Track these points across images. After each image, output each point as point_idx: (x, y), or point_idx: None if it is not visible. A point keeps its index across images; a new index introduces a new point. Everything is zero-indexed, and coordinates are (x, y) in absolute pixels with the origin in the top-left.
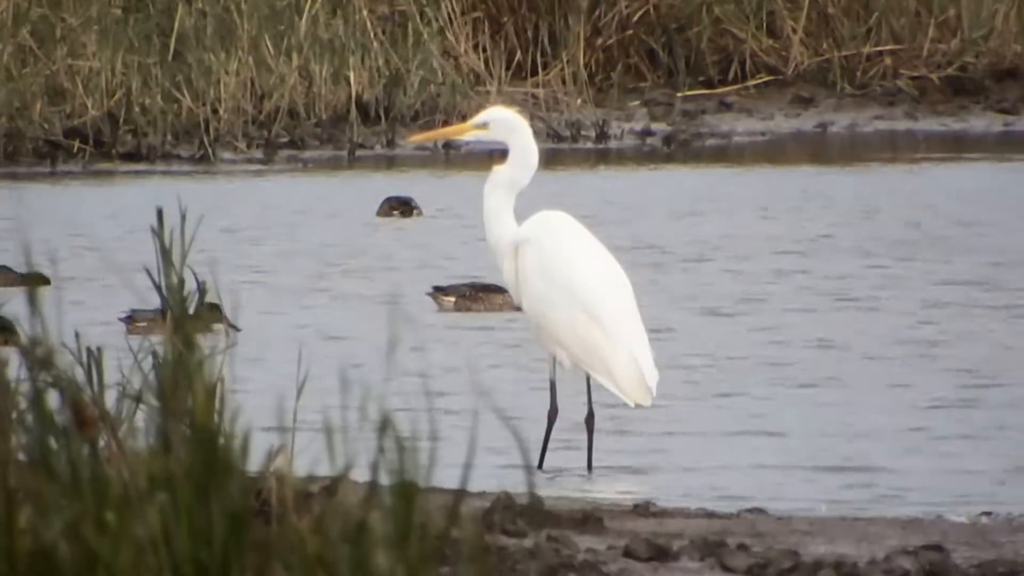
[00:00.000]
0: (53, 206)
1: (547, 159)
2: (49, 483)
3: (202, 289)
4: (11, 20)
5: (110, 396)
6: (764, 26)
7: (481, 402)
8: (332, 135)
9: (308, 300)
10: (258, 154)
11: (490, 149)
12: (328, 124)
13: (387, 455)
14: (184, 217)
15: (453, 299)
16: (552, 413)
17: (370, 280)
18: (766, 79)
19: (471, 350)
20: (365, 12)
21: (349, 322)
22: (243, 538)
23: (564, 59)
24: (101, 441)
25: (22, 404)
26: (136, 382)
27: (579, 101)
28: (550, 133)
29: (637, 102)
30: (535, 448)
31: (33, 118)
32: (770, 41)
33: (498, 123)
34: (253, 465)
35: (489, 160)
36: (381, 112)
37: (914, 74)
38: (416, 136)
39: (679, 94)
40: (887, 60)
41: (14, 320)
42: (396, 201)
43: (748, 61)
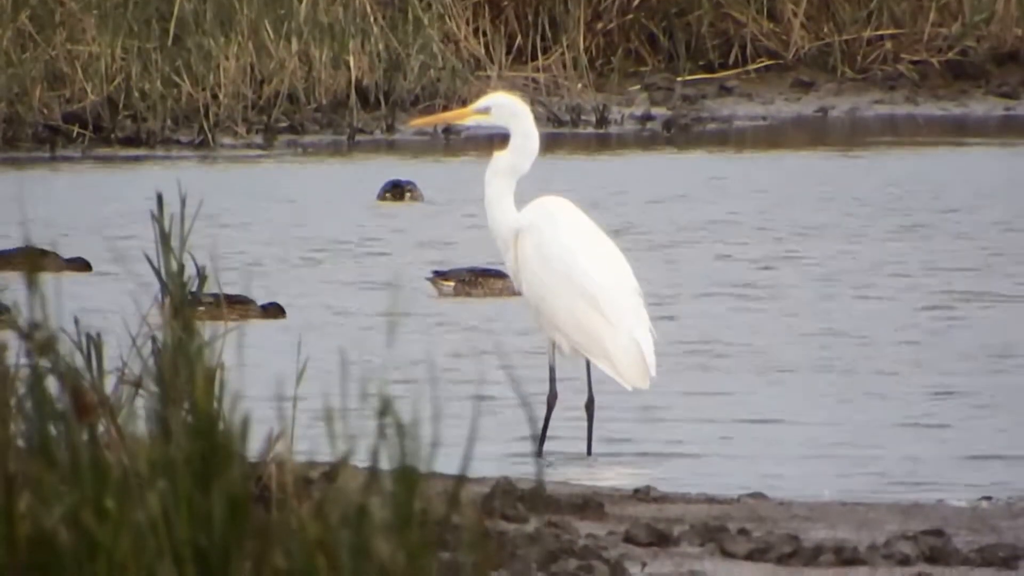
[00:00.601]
0: (52, 191)
1: (547, 144)
2: (49, 469)
3: (202, 275)
4: (10, 5)
5: (110, 382)
6: (765, 10)
7: (482, 386)
8: (332, 120)
9: (307, 285)
10: (258, 139)
11: (490, 134)
12: (328, 109)
13: (388, 440)
14: (184, 202)
15: (453, 284)
16: (551, 398)
17: (370, 265)
18: (767, 63)
19: (471, 334)
20: None
21: (349, 307)
22: (243, 524)
23: (564, 44)
24: (101, 427)
25: (21, 390)
26: (136, 368)
27: (579, 86)
28: (550, 118)
29: (637, 87)
30: (537, 432)
31: (33, 103)
32: (771, 25)
33: (500, 108)
34: (253, 451)
35: (489, 145)
36: (381, 97)
37: (915, 58)
38: (416, 121)
39: (679, 79)
40: (888, 44)
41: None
42: (396, 186)
43: (749, 45)
